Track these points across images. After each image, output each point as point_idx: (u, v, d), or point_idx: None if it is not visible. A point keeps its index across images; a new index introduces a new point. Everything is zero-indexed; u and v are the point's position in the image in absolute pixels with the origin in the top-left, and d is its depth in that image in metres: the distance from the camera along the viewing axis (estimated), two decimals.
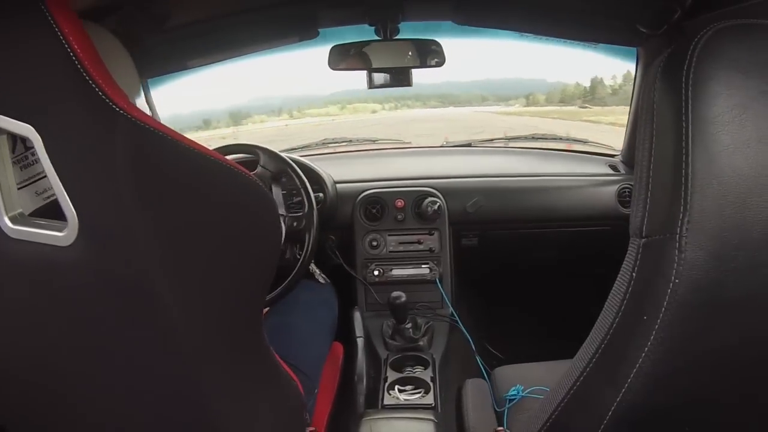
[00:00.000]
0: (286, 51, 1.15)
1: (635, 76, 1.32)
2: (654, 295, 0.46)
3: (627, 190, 1.37)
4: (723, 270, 0.44)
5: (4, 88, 0.45)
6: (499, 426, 0.94)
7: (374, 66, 1.07)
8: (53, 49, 0.42)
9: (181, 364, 0.53)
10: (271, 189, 1.17)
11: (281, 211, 1.16)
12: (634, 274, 0.49)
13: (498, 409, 0.97)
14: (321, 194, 1.28)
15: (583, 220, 1.40)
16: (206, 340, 0.53)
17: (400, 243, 1.37)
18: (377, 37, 1.06)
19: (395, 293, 1.15)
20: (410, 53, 1.06)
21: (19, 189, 0.55)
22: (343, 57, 1.06)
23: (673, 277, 0.45)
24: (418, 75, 1.10)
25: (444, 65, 1.07)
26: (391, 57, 1.06)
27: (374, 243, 1.36)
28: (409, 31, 1.07)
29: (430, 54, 1.06)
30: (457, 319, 1.32)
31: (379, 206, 1.36)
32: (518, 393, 0.97)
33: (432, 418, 0.87)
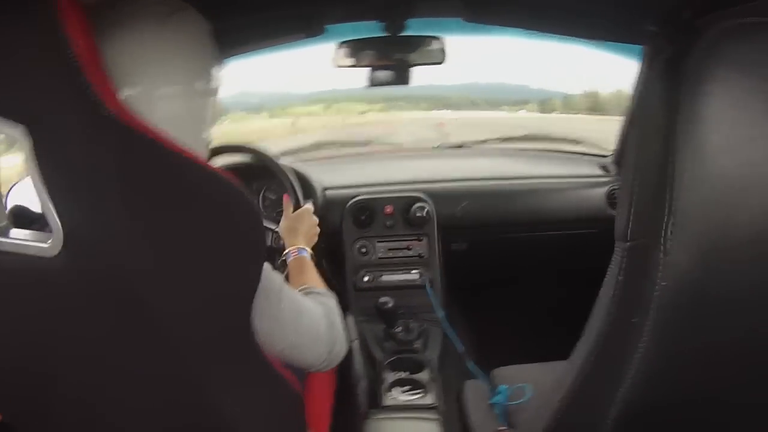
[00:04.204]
0: (291, 48, 1.14)
1: (637, 74, 1.29)
2: (641, 298, 0.46)
3: (617, 191, 1.36)
4: (708, 271, 0.44)
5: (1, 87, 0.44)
6: (500, 426, 0.93)
7: (378, 63, 1.05)
8: (53, 46, 0.41)
9: (174, 367, 0.53)
10: (261, 194, 1.16)
11: (270, 218, 1.14)
12: (619, 278, 0.49)
13: (496, 411, 0.97)
14: (311, 202, 1.25)
15: (572, 222, 1.39)
16: (197, 344, 0.52)
17: (390, 249, 1.35)
18: (383, 34, 1.04)
19: (383, 299, 1.15)
20: (414, 50, 1.05)
21: None
22: (349, 54, 1.04)
23: (658, 280, 0.45)
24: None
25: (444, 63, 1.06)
26: (396, 54, 1.05)
27: (363, 250, 1.35)
28: (415, 27, 1.05)
29: (432, 51, 1.05)
30: (446, 324, 1.30)
31: (368, 213, 1.34)
32: (503, 399, 0.97)
33: (437, 417, 0.87)
